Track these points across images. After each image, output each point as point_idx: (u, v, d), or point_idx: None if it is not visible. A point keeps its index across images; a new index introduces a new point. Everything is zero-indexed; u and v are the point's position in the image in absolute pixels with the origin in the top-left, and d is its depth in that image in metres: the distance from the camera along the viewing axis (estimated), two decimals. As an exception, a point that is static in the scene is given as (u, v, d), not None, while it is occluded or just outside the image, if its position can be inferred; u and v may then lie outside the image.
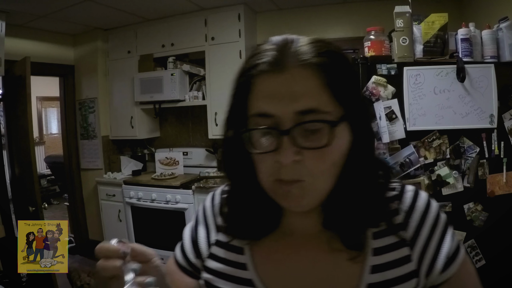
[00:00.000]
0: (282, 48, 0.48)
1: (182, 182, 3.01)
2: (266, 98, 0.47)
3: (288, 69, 0.46)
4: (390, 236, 0.53)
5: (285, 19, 3.14)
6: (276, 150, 0.46)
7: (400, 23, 1.80)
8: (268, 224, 0.57)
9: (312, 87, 0.46)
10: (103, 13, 3.03)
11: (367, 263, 0.52)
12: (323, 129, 0.45)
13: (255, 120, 0.48)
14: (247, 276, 0.57)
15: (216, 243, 0.62)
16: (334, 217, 0.53)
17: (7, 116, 2.78)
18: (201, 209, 0.69)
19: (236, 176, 0.56)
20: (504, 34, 1.75)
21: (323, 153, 0.46)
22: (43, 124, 6.93)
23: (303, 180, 0.47)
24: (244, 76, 0.50)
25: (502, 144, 1.72)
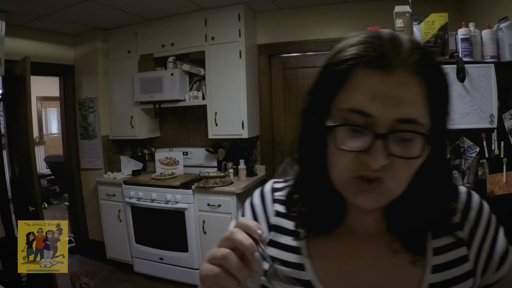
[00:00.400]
0: (391, 46, 0.45)
1: (182, 182, 3.01)
2: (367, 96, 0.44)
3: (396, 72, 0.44)
4: (449, 236, 0.53)
5: (285, 19, 3.14)
6: (365, 151, 0.45)
7: (400, 23, 1.80)
8: (333, 220, 0.55)
9: (416, 97, 0.44)
10: (103, 13, 3.03)
11: (428, 263, 0.52)
12: (417, 140, 0.45)
13: (346, 115, 0.45)
14: (306, 277, 0.55)
15: (269, 243, 0.59)
16: (398, 220, 0.52)
17: (7, 116, 2.78)
18: (249, 207, 0.66)
19: (308, 165, 0.54)
20: (504, 34, 1.75)
21: (410, 162, 0.46)
22: (43, 124, 6.93)
23: (385, 182, 0.46)
24: (343, 64, 0.46)
25: (502, 144, 1.72)
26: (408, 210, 0.51)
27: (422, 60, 0.45)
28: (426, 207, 0.51)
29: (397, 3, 1.83)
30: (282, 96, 3.27)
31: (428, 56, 0.46)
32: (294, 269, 0.56)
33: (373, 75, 0.44)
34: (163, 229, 3.06)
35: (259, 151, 3.34)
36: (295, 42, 3.12)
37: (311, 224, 0.56)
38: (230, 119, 3.03)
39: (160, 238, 3.08)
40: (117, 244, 3.35)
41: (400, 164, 0.45)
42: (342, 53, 0.47)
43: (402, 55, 0.45)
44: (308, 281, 0.55)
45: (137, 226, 3.18)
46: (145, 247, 3.16)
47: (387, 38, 0.46)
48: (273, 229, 0.60)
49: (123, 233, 3.27)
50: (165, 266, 3.06)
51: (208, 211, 2.86)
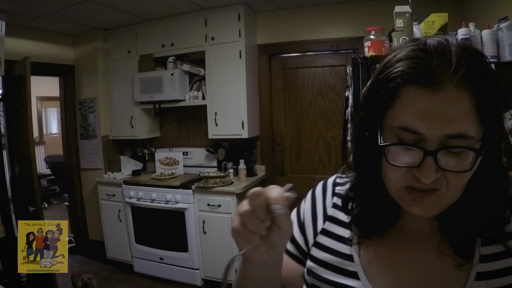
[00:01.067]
0: (438, 62, 0.45)
1: (182, 182, 3.01)
2: (415, 115, 0.45)
3: (443, 87, 0.44)
4: (499, 244, 0.52)
5: (285, 19, 3.14)
6: (416, 167, 0.46)
7: (400, 23, 1.79)
8: (386, 222, 0.57)
9: (464, 112, 0.44)
10: (103, 13, 3.03)
11: (473, 269, 0.51)
12: (466, 153, 0.45)
13: (397, 132, 0.47)
14: (353, 268, 0.57)
15: (323, 232, 0.63)
16: (450, 221, 0.53)
17: (7, 116, 2.78)
18: (310, 196, 0.69)
19: (364, 173, 0.56)
20: (504, 34, 1.74)
21: (462, 175, 0.46)
22: (43, 124, 6.93)
23: (439, 190, 0.47)
24: (391, 82, 0.47)
25: (502, 144, 1.72)
26: (461, 213, 0.51)
27: (471, 72, 0.45)
28: (479, 211, 0.51)
29: (397, 3, 1.83)
30: (282, 96, 3.27)
31: (477, 65, 0.46)
32: (343, 259, 0.58)
33: (420, 93, 0.45)
34: (163, 229, 3.06)
35: (259, 151, 3.34)
36: (295, 42, 3.12)
37: (365, 226, 0.58)
38: (230, 119, 3.03)
39: (160, 238, 3.08)
40: (117, 244, 3.35)
41: (451, 176, 0.46)
42: (390, 69, 0.48)
43: (450, 70, 0.44)
44: (354, 272, 0.57)
45: (137, 226, 3.18)
46: (145, 247, 3.16)
47: (434, 50, 0.46)
48: (329, 220, 0.63)
49: (123, 233, 3.27)
50: (165, 266, 3.06)
51: (208, 211, 2.86)
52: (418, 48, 0.47)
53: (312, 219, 0.66)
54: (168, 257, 3.04)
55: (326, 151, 3.17)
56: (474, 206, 0.51)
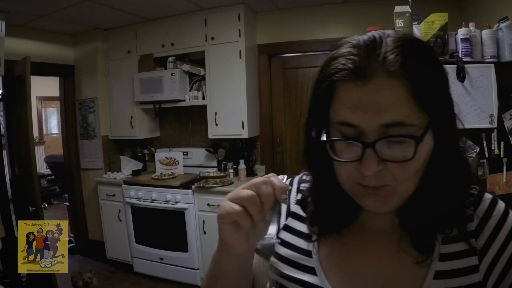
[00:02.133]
0: (368, 54, 0.46)
1: (182, 182, 3.01)
2: (349, 109, 0.46)
3: (373, 79, 0.44)
4: (460, 242, 0.51)
5: (285, 19, 3.14)
6: (359, 160, 0.46)
7: (400, 23, 1.80)
8: (346, 218, 0.57)
9: (398, 99, 0.44)
10: (103, 13, 3.03)
11: (432, 268, 0.50)
12: (408, 142, 0.44)
13: (338, 128, 0.48)
14: (311, 264, 0.58)
15: (285, 228, 0.63)
16: (410, 216, 0.52)
17: (7, 116, 2.79)
18: None
19: (317, 173, 0.57)
20: (504, 34, 1.75)
21: (406, 164, 0.45)
22: (43, 124, 6.93)
23: (388, 185, 0.47)
24: (326, 81, 0.48)
25: (502, 144, 1.72)
26: (420, 205, 0.51)
27: (402, 60, 0.44)
28: (439, 204, 0.50)
29: (397, 3, 1.83)
30: (282, 96, 3.27)
31: (409, 52, 0.45)
32: (302, 255, 0.59)
33: (352, 86, 0.45)
34: (163, 229, 3.06)
35: (259, 151, 3.34)
36: (295, 42, 3.12)
37: (321, 224, 0.58)
38: (230, 119, 3.03)
39: (160, 238, 3.08)
40: (117, 244, 3.35)
41: (396, 167, 0.46)
42: (326, 68, 0.49)
43: (379, 60, 0.45)
44: (312, 268, 0.57)
45: (137, 226, 3.18)
46: (145, 247, 3.16)
47: (363, 44, 0.47)
48: (292, 216, 0.64)
49: (123, 233, 3.27)
50: (165, 266, 3.06)
51: (208, 211, 2.86)
52: (351, 45, 0.48)
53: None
54: (168, 257, 3.04)
55: (326, 151, 3.16)
56: (433, 198, 0.50)
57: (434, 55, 0.48)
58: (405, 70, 0.44)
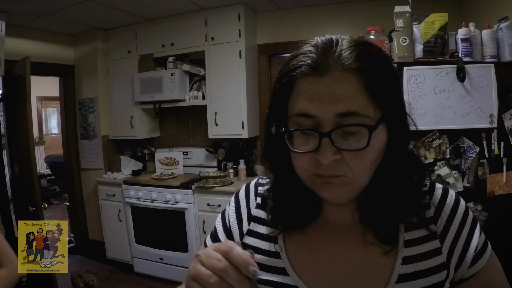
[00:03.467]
0: (325, 51, 0.49)
1: (182, 182, 3.01)
2: (307, 100, 0.48)
3: (329, 73, 0.47)
4: (421, 229, 0.55)
5: (285, 19, 3.14)
6: (315, 150, 0.48)
7: (400, 23, 1.80)
8: (309, 214, 0.59)
9: (353, 91, 0.47)
10: (103, 13, 3.03)
11: (399, 254, 0.54)
12: (362, 132, 0.47)
13: (296, 120, 0.50)
14: (280, 264, 0.58)
15: (248, 233, 0.64)
16: (370, 211, 0.55)
17: (7, 116, 2.78)
18: (234, 200, 0.70)
19: (277, 169, 0.58)
20: (504, 34, 1.75)
21: (361, 153, 0.48)
22: (43, 124, 6.93)
23: (344, 175, 0.49)
24: (285, 77, 0.51)
25: (502, 144, 1.72)
26: (378, 201, 0.54)
27: (355, 57, 0.47)
28: (395, 197, 0.53)
29: (397, 3, 1.83)
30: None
31: (363, 51, 0.49)
32: (270, 257, 0.60)
33: (310, 80, 0.48)
34: (163, 229, 3.06)
35: (259, 151, 3.34)
36: (295, 42, 3.08)
37: (282, 221, 0.59)
38: (230, 119, 3.03)
39: (160, 238, 3.08)
40: (117, 244, 3.35)
41: (352, 156, 0.48)
42: (286, 66, 0.52)
43: (334, 56, 0.48)
44: (282, 268, 0.58)
45: (137, 226, 3.18)
46: (145, 247, 3.16)
47: (321, 43, 0.50)
48: (254, 220, 0.65)
49: (123, 233, 3.27)
50: (165, 266, 3.06)
51: (208, 211, 2.86)
52: (309, 45, 0.51)
53: (237, 222, 0.66)
54: (168, 257, 3.04)
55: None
56: (389, 192, 0.53)
57: (386, 56, 0.52)
58: (359, 65, 0.47)
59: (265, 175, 0.65)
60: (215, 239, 0.69)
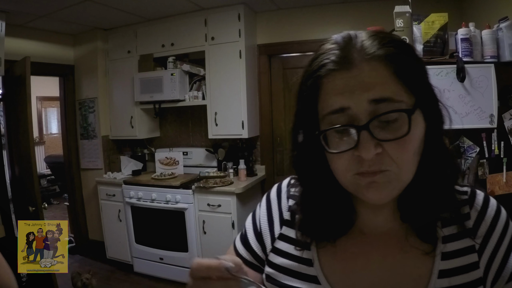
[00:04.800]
0: (346, 45, 0.48)
1: (182, 182, 3.01)
2: (337, 94, 0.46)
3: (356, 64, 0.46)
4: (460, 240, 0.52)
5: (285, 19, 3.14)
6: (355, 147, 0.46)
7: (400, 23, 1.80)
8: (342, 225, 0.56)
9: (383, 78, 0.45)
10: (103, 13, 3.03)
11: (435, 267, 0.51)
12: (401, 119, 0.45)
13: (329, 119, 0.48)
14: (312, 272, 0.56)
15: (280, 237, 0.62)
16: (411, 209, 0.52)
17: (7, 116, 2.78)
18: (265, 201, 0.68)
19: (307, 179, 0.56)
20: (504, 34, 1.74)
21: (403, 142, 0.45)
22: (43, 124, 6.93)
23: (388, 170, 0.46)
24: (311, 78, 0.49)
25: (502, 144, 1.72)
26: (419, 196, 0.51)
27: (378, 44, 0.47)
28: (433, 190, 0.51)
29: (397, 3, 1.83)
30: (282, 96, 3.27)
31: (384, 39, 0.48)
32: (302, 264, 0.58)
33: (337, 75, 0.47)
34: (163, 229, 3.06)
35: (259, 151, 3.34)
36: (295, 42, 3.12)
37: (316, 234, 0.57)
38: (230, 119, 3.03)
39: (160, 238, 3.08)
40: (117, 244, 3.35)
41: (394, 147, 0.45)
42: (309, 68, 0.50)
43: (357, 48, 0.47)
44: (314, 276, 0.56)
45: (137, 226, 3.18)
46: (145, 247, 3.16)
47: (341, 40, 0.49)
48: (286, 224, 0.62)
49: (123, 233, 3.27)
50: (165, 266, 3.06)
51: (208, 211, 2.86)
52: (329, 43, 0.50)
53: (268, 225, 0.64)
54: (168, 257, 3.04)
55: (326, 151, 3.17)
56: (428, 184, 0.51)
57: (406, 42, 0.50)
58: (384, 52, 0.46)
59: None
60: (245, 243, 0.67)
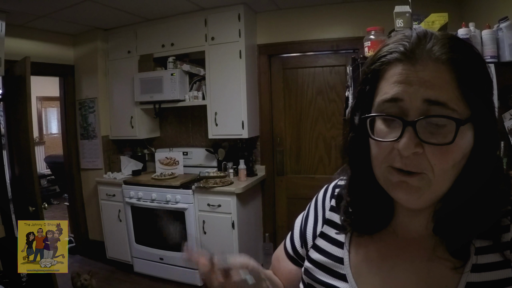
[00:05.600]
0: (418, 41, 0.48)
1: (182, 182, 3.01)
2: (396, 84, 0.47)
3: (421, 61, 0.46)
4: (495, 253, 0.49)
5: (285, 19, 3.14)
6: (397, 140, 0.46)
7: (400, 23, 1.79)
8: (381, 218, 0.56)
9: (443, 81, 0.45)
10: (103, 13, 3.03)
11: (463, 278, 0.48)
12: (449, 126, 0.44)
13: (382, 107, 0.48)
14: (342, 270, 0.58)
15: (321, 235, 0.65)
16: (446, 221, 0.50)
17: (7, 116, 2.78)
18: (314, 200, 0.71)
19: (356, 162, 0.56)
20: (504, 34, 1.74)
21: (445, 150, 0.45)
22: (43, 124, 6.93)
23: (424, 173, 0.46)
24: (376, 63, 0.50)
25: (502, 144, 1.72)
26: (455, 210, 0.49)
27: (447, 49, 0.46)
28: (477, 211, 0.48)
29: (397, 3, 1.83)
30: (282, 96, 3.27)
31: (456, 43, 0.47)
32: (335, 261, 0.60)
33: (400, 66, 0.47)
34: (163, 229, 3.06)
35: (259, 151, 3.34)
36: (295, 42, 3.12)
37: (356, 224, 0.58)
38: (230, 119, 3.03)
39: (160, 238, 3.08)
40: (117, 244, 3.35)
41: (435, 153, 0.45)
42: (378, 53, 0.51)
43: (427, 46, 0.47)
44: (343, 274, 0.58)
45: (137, 226, 3.18)
46: (145, 247, 3.16)
47: (415, 34, 0.49)
48: (327, 223, 0.65)
49: (123, 233, 3.27)
50: (165, 266, 3.06)
51: (208, 211, 2.86)
52: (403, 35, 0.50)
53: (314, 223, 0.68)
54: (168, 257, 3.04)
55: (326, 151, 3.17)
56: (471, 205, 0.48)
57: (479, 53, 0.49)
58: (451, 57, 0.46)
59: (344, 173, 0.62)
60: (292, 241, 0.72)
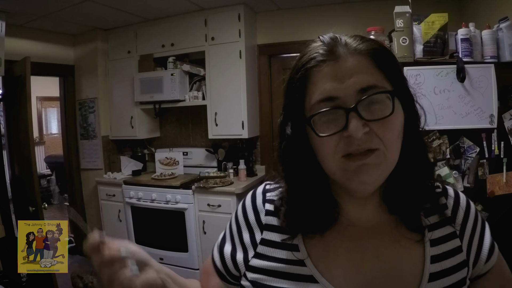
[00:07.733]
0: (332, 42, 0.53)
1: (182, 182, 3.01)
2: (327, 83, 0.50)
3: (342, 57, 0.50)
4: (443, 228, 0.58)
5: (285, 19, 3.14)
6: (344, 128, 0.49)
7: (400, 23, 1.80)
8: (327, 217, 0.57)
9: (367, 67, 0.50)
10: (103, 13, 3.03)
11: (427, 253, 0.56)
12: (385, 102, 0.49)
13: (318, 107, 0.51)
14: (307, 272, 0.56)
15: (262, 242, 0.61)
16: (396, 200, 0.56)
17: (7, 116, 2.78)
18: (241, 210, 0.67)
19: (293, 170, 0.57)
20: (504, 34, 1.75)
21: (388, 122, 0.49)
22: (43, 124, 6.93)
23: (378, 149, 0.49)
24: (300, 71, 0.53)
25: (502, 144, 1.72)
26: (401, 187, 0.55)
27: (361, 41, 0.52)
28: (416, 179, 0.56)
29: (397, 3, 1.83)
30: (282, 96, 3.26)
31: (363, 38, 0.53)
32: (292, 265, 0.57)
33: (324, 67, 0.51)
34: (163, 229, 3.06)
35: (259, 151, 3.34)
36: (295, 42, 3.12)
37: (303, 227, 0.58)
38: (230, 119, 3.03)
39: (160, 238, 3.08)
40: (117, 244, 3.35)
41: (380, 127, 0.49)
42: (297, 63, 0.54)
43: (342, 43, 0.52)
44: (310, 276, 0.56)
45: (137, 226, 3.18)
46: (145, 247, 3.15)
47: (327, 38, 0.54)
48: (266, 228, 0.62)
49: (123, 233, 3.26)
50: (165, 266, 3.06)
51: (208, 211, 2.86)
52: (315, 43, 0.54)
53: (248, 231, 0.63)
54: (168, 257, 3.04)
55: (326, 151, 3.17)
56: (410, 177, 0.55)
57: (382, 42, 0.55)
58: (366, 46, 0.51)
59: (273, 179, 0.63)
60: (221, 252, 0.69)
